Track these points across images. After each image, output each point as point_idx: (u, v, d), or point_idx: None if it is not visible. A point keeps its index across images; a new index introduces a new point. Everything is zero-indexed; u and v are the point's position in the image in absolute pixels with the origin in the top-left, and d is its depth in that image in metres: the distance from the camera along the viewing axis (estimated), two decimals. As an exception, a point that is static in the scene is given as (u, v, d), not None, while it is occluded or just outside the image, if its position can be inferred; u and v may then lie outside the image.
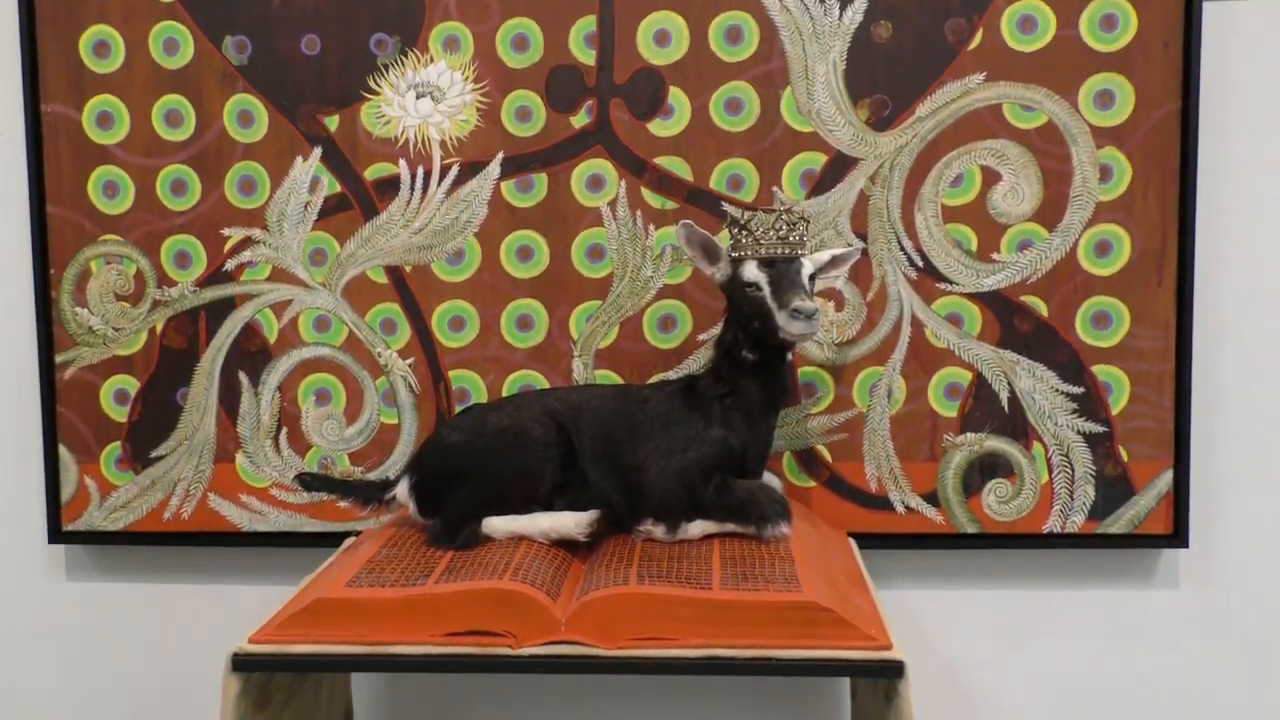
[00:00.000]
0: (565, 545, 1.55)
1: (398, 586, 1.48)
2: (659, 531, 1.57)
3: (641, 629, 1.35)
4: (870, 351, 1.81)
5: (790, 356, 1.66)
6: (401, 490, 1.65)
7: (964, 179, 1.77)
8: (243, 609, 1.52)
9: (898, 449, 1.81)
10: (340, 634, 1.36)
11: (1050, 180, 1.75)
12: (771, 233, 1.62)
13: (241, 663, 1.43)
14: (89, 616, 1.97)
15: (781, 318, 1.50)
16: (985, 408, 1.79)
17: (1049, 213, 1.76)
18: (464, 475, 1.59)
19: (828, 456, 1.82)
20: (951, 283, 1.77)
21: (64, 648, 1.98)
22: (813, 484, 1.82)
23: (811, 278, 1.55)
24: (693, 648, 1.34)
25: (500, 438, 1.60)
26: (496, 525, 1.58)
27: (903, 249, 1.78)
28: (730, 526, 1.56)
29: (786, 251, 1.55)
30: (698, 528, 1.57)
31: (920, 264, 1.78)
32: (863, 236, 1.77)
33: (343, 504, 1.73)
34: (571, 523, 1.56)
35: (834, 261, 1.61)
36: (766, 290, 1.52)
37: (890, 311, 1.80)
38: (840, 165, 1.77)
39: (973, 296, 1.78)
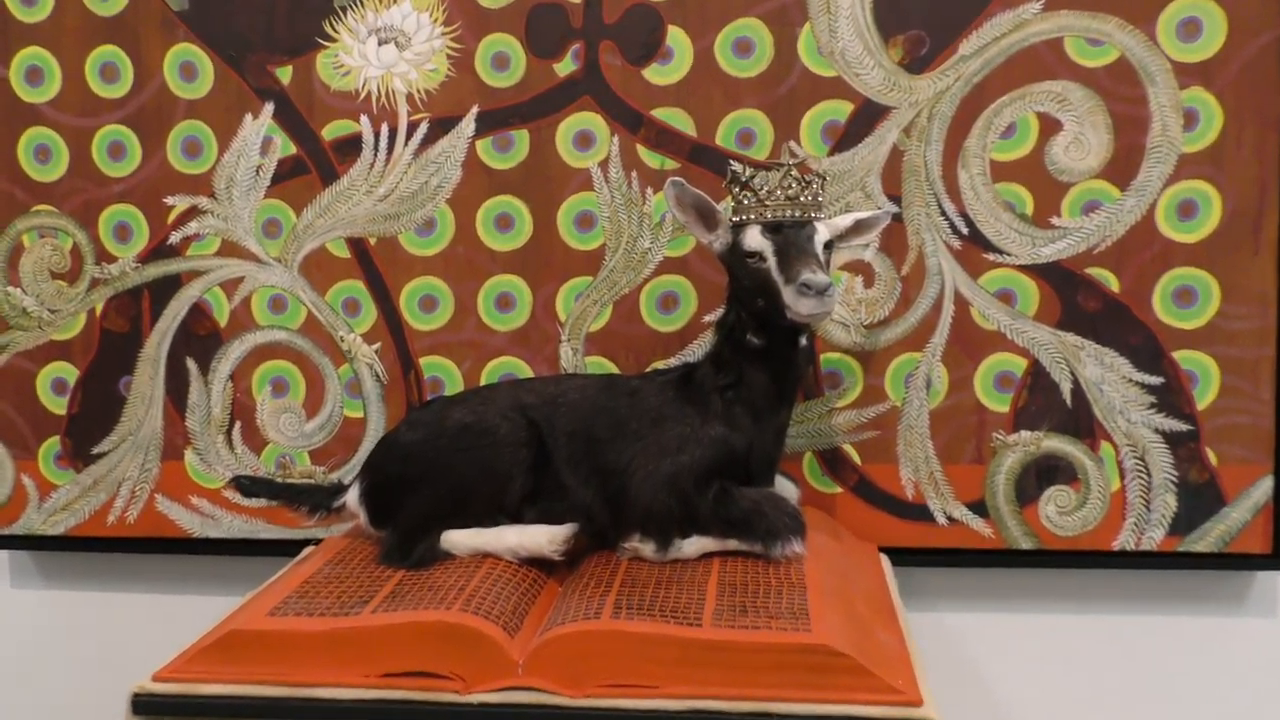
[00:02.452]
0: (538, 564, 1.38)
1: (329, 616, 1.25)
2: (648, 550, 1.38)
3: (615, 673, 1.16)
4: (905, 335, 1.61)
5: (805, 341, 1.43)
6: (352, 497, 1.49)
7: (1017, 129, 1.56)
8: (194, 623, 1.35)
9: (938, 449, 1.61)
10: (258, 672, 1.15)
11: (1122, 129, 1.53)
12: (779, 191, 1.36)
13: (143, 704, 1.20)
14: (34, 625, 1.85)
15: (788, 294, 1.28)
16: (1043, 401, 1.58)
17: (1120, 168, 1.54)
18: (420, 481, 1.41)
19: (855, 458, 1.63)
20: (1002, 253, 1.57)
21: (8, 658, 1.85)
22: (838, 490, 1.63)
23: (827, 246, 1.34)
24: (675, 698, 1.15)
25: (461, 437, 1.41)
26: (458, 540, 1.40)
27: (944, 213, 1.57)
28: (733, 544, 1.37)
29: (796, 214, 1.33)
30: (694, 545, 1.38)
31: (965, 231, 1.57)
32: (897, 199, 1.57)
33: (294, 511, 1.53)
34: (544, 538, 1.37)
35: (858, 227, 1.40)
36: (771, 261, 1.31)
37: (929, 288, 1.59)
38: (869, 115, 1.57)
39: (1028, 269, 1.57)
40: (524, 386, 1.49)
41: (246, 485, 1.58)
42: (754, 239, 1.32)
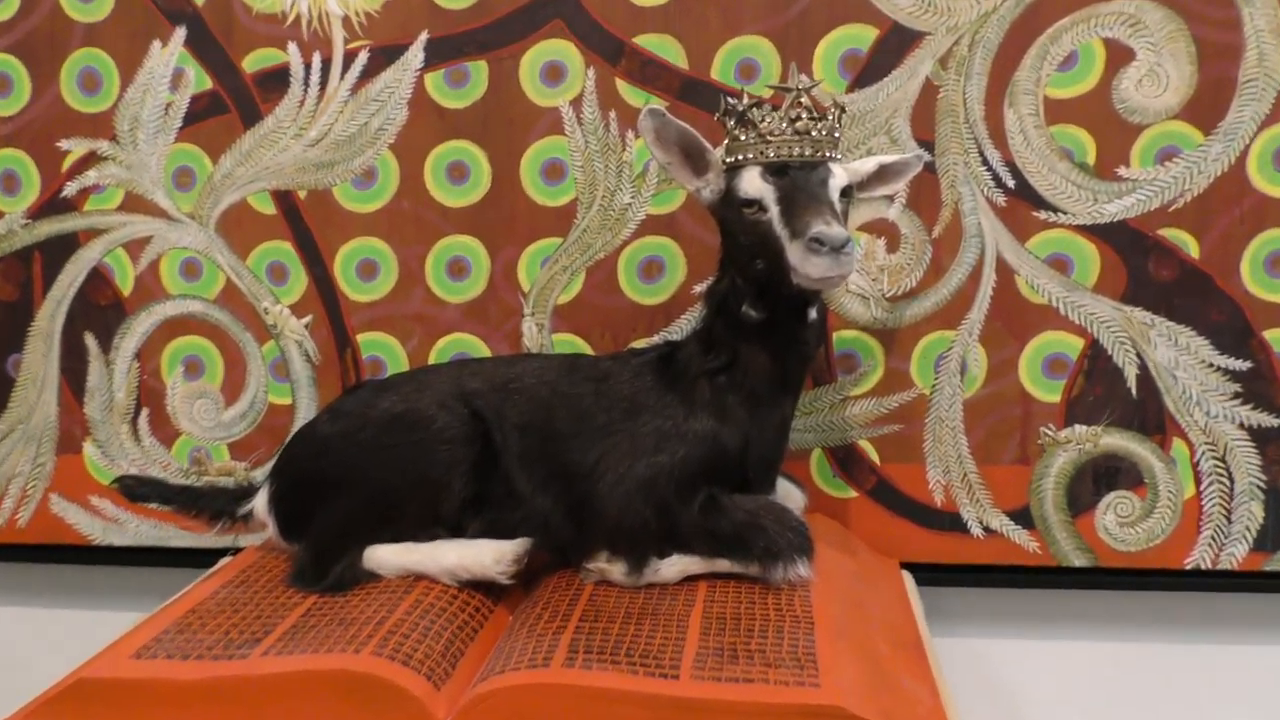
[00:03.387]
0: (482, 588, 1.20)
1: (207, 660, 1.02)
2: (617, 571, 1.20)
3: (564, 739, 0.91)
4: (936, 309, 1.44)
5: (815, 314, 1.21)
6: (260, 502, 1.31)
7: (1079, 59, 1.39)
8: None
9: (974, 447, 1.44)
10: (114, 730, 0.88)
11: (1208, 58, 1.36)
12: (784, 124, 1.12)
13: (-29, 769, 0.95)
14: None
15: (794, 251, 1.08)
16: (1103, 390, 1.42)
17: (1205, 107, 1.36)
18: (338, 484, 1.23)
19: (874, 456, 1.47)
20: (1057, 211, 1.40)
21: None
22: (853, 494, 1.47)
23: (844, 194, 1.15)
24: (642, 775, 0.92)
25: (389, 430, 1.22)
26: (384, 558, 1.21)
27: (986, 163, 1.40)
28: (723, 565, 1.20)
29: (806, 152, 1.12)
30: (674, 567, 1.19)
31: (1012, 184, 1.40)
32: (929, 145, 1.41)
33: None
34: (489, 557, 1.18)
35: (882, 174, 1.23)
36: (774, 211, 1.12)
37: (967, 252, 1.42)
38: (897, 42, 1.40)
39: (1088, 230, 1.40)
40: (469, 369, 1.30)
41: (131, 487, 1.35)
42: (752, 183, 1.13)
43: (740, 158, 1.14)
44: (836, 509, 1.47)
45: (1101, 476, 1.43)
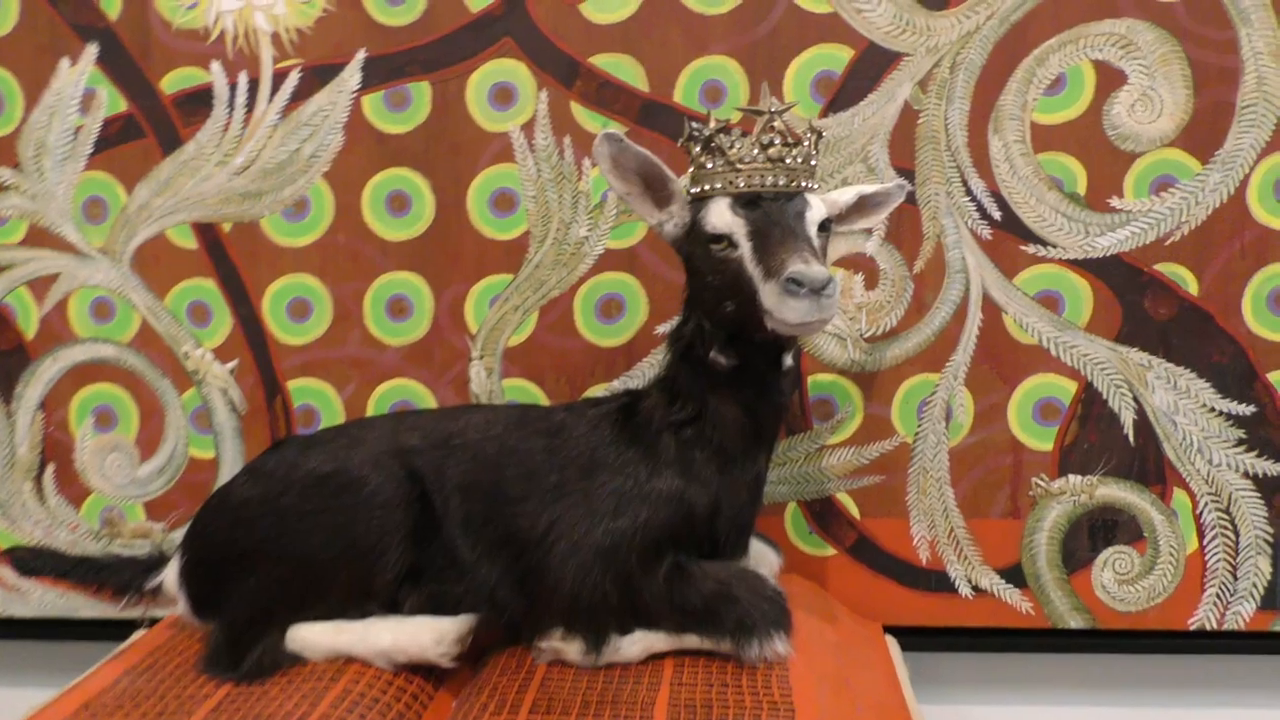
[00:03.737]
0: (421, 671, 1.10)
1: None
2: (573, 651, 1.09)
3: None
4: (919, 350, 1.37)
5: (790, 360, 1.11)
6: (171, 575, 1.18)
7: (1067, 83, 1.33)
8: None
9: (961, 499, 1.38)
10: None
11: (1204, 82, 1.31)
12: (755, 151, 1.03)
13: None
14: None
15: (769, 293, 0.99)
16: (1098, 437, 1.36)
17: (1202, 134, 1.32)
18: (257, 555, 1.11)
19: (854, 510, 1.40)
20: (1047, 244, 1.35)
21: None
22: (831, 552, 1.40)
23: (823, 227, 1.06)
24: None
25: (315, 493, 1.11)
26: (310, 638, 1.10)
27: (970, 193, 1.35)
28: (691, 641, 1.10)
29: (780, 181, 1.03)
30: (637, 645, 1.09)
31: (998, 215, 1.35)
32: (909, 174, 1.35)
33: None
34: (429, 637, 1.08)
35: (861, 205, 1.15)
36: (745, 246, 1.02)
37: (950, 289, 1.36)
38: (874, 64, 1.34)
39: (1080, 265, 1.35)
40: (407, 423, 1.20)
41: (24, 559, 1.24)
42: (721, 216, 1.03)
43: (707, 188, 1.04)
44: (814, 568, 1.40)
45: (1098, 530, 1.37)
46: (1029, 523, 1.36)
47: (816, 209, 1.03)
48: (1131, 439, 1.34)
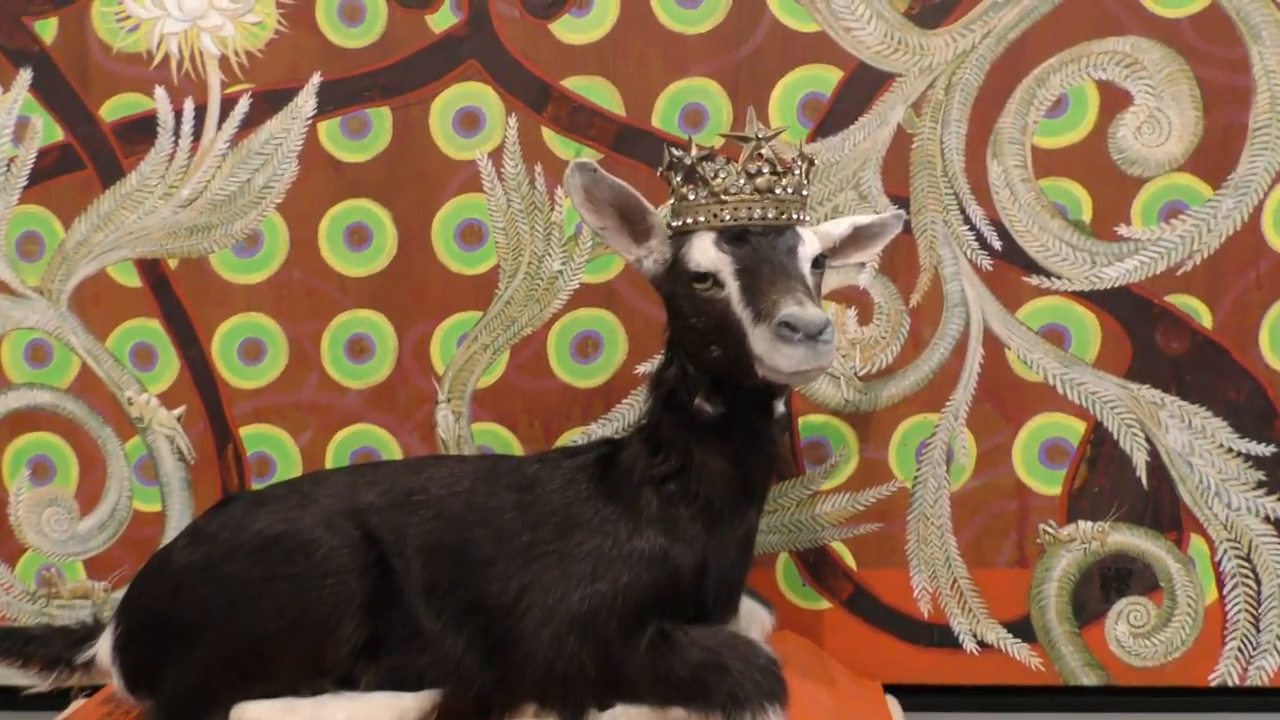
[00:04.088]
0: None
1: None
2: None
3: None
4: (917, 389, 1.33)
5: (782, 407, 1.04)
6: (104, 647, 1.09)
7: (1069, 104, 1.29)
8: None
9: (964, 548, 1.33)
10: None
11: (1214, 103, 1.27)
12: (742, 180, 0.96)
13: None
14: None
15: (760, 339, 0.91)
16: (1109, 480, 1.32)
17: (1212, 157, 1.28)
18: (197, 628, 1.03)
19: (850, 561, 1.35)
20: (1051, 275, 1.31)
21: None
22: (826, 605, 1.36)
23: (816, 264, 0.99)
24: None
25: (261, 559, 1.03)
26: (257, 719, 1.01)
27: (969, 221, 1.31)
28: (677, 715, 1.01)
29: (770, 214, 0.96)
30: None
31: (998, 245, 1.31)
32: (903, 202, 1.31)
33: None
34: (389, 715, 1.01)
35: (855, 238, 1.09)
36: (732, 286, 0.95)
37: (950, 323, 1.32)
38: (865, 85, 1.30)
39: (1086, 297, 1.31)
40: (366, 478, 1.12)
41: None
42: (705, 253, 0.96)
43: (689, 221, 0.96)
44: (808, 623, 1.34)
45: (1111, 580, 1.32)
46: (1037, 572, 1.31)
47: (809, 244, 0.95)
48: (1144, 482, 1.29)
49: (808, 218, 0.98)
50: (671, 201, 0.99)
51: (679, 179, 0.97)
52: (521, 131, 1.31)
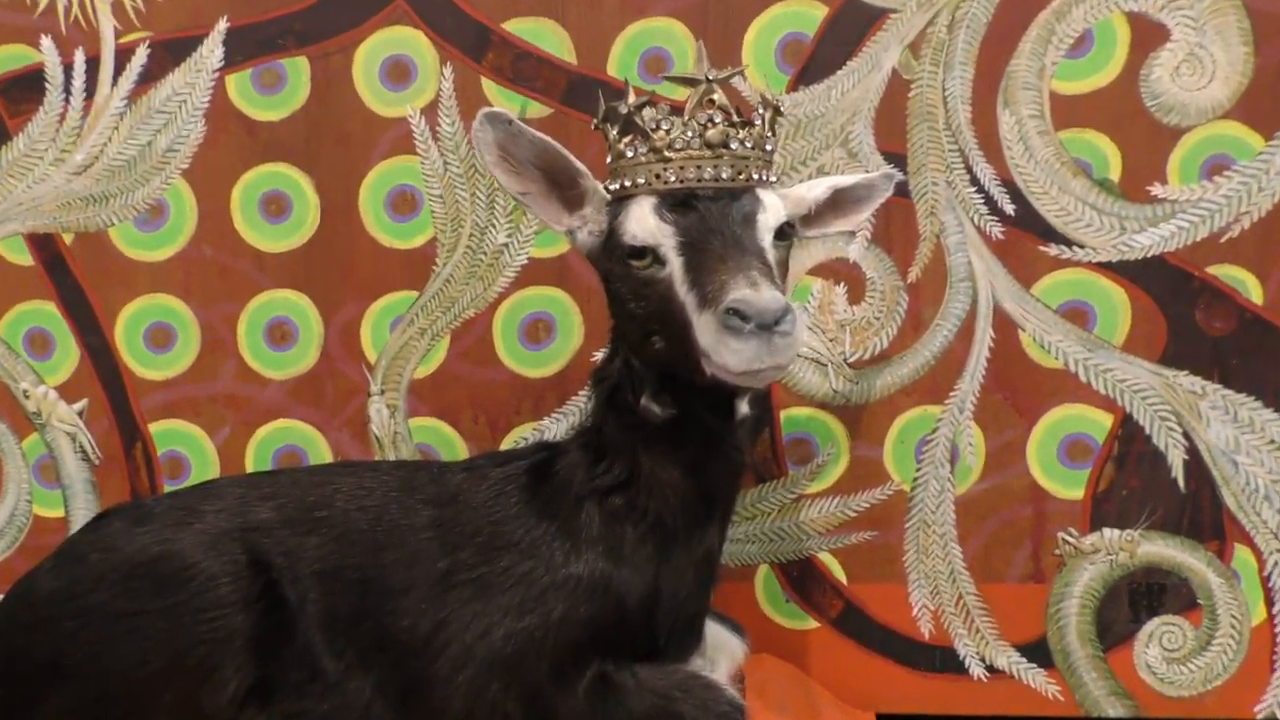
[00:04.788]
0: None
1: None
2: None
3: None
4: (916, 378, 1.20)
5: (749, 408, 0.90)
6: None
7: (1094, 41, 1.15)
8: None
9: (971, 559, 1.21)
10: None
11: (1267, 36, 1.12)
12: (689, 133, 0.80)
13: None
14: None
15: (706, 328, 0.76)
16: (1140, 481, 1.20)
17: (1264, 102, 1.13)
18: (60, 669, 0.90)
19: (839, 574, 1.24)
20: (1072, 244, 1.17)
21: None
22: (812, 624, 1.25)
23: (781, 235, 0.84)
24: None
25: (131, 589, 0.90)
26: None
27: (976, 182, 1.17)
28: None
29: (723, 174, 0.81)
30: None
31: (1011, 209, 1.17)
32: (900, 160, 1.17)
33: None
34: None
35: (837, 202, 0.95)
36: (674, 263, 0.80)
37: (953, 301, 1.19)
38: (854, 24, 1.18)
39: (1114, 269, 1.18)
40: (263, 489, 0.98)
41: None
42: (643, 223, 0.81)
43: (628, 184, 0.81)
44: (791, 645, 1.23)
45: (1141, 597, 1.20)
46: (1055, 588, 1.19)
47: (772, 209, 0.80)
48: (1181, 484, 1.17)
49: (773, 178, 0.82)
50: (609, 160, 0.83)
51: (615, 131, 0.81)
52: (458, 83, 1.19)
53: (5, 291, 1.24)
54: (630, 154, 0.80)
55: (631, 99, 0.79)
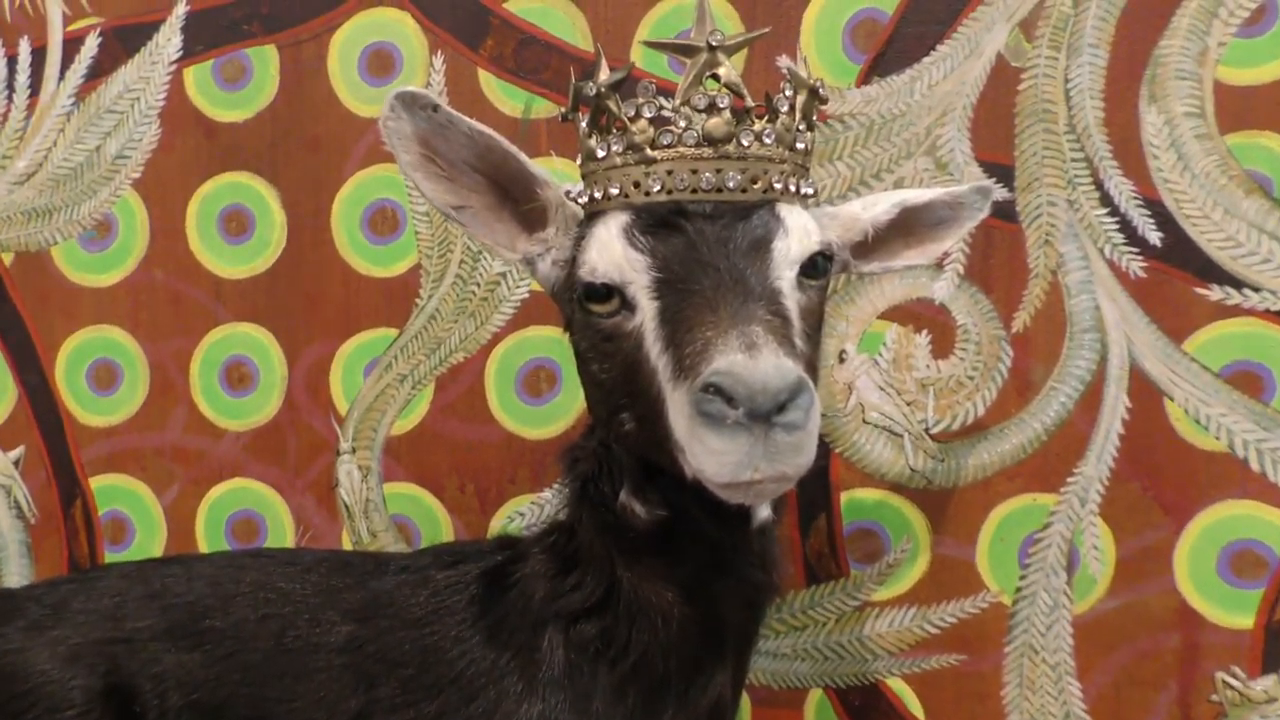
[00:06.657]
0: None
1: None
2: None
3: None
4: (1021, 457, 1.01)
5: (767, 512, 0.67)
6: None
7: (1277, 12, 0.93)
8: None
9: (1094, 701, 1.01)
10: None
11: None
12: (683, 122, 0.58)
13: None
14: None
15: (679, 410, 0.54)
16: None
17: None
18: None
19: (915, 708, 1.03)
20: (1243, 286, 0.97)
21: None
22: None
23: (813, 269, 0.60)
24: None
25: None
26: None
27: (1109, 201, 0.97)
28: None
29: (730, 180, 0.59)
30: None
31: (1158, 239, 0.96)
32: (1003, 171, 0.98)
33: None
34: None
35: (907, 224, 0.73)
36: (647, 310, 0.58)
37: (1075, 358, 0.99)
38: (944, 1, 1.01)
39: None
40: (151, 585, 0.80)
41: None
42: (607, 250, 0.61)
43: (598, 194, 0.59)
44: None
45: None
46: None
47: (799, 234, 0.58)
48: None
49: (808, 190, 0.59)
50: (579, 162, 0.61)
51: (585, 124, 0.59)
52: (451, 76, 1.07)
53: (-64, 319, 1.12)
54: (602, 153, 0.58)
55: (603, 75, 0.57)
